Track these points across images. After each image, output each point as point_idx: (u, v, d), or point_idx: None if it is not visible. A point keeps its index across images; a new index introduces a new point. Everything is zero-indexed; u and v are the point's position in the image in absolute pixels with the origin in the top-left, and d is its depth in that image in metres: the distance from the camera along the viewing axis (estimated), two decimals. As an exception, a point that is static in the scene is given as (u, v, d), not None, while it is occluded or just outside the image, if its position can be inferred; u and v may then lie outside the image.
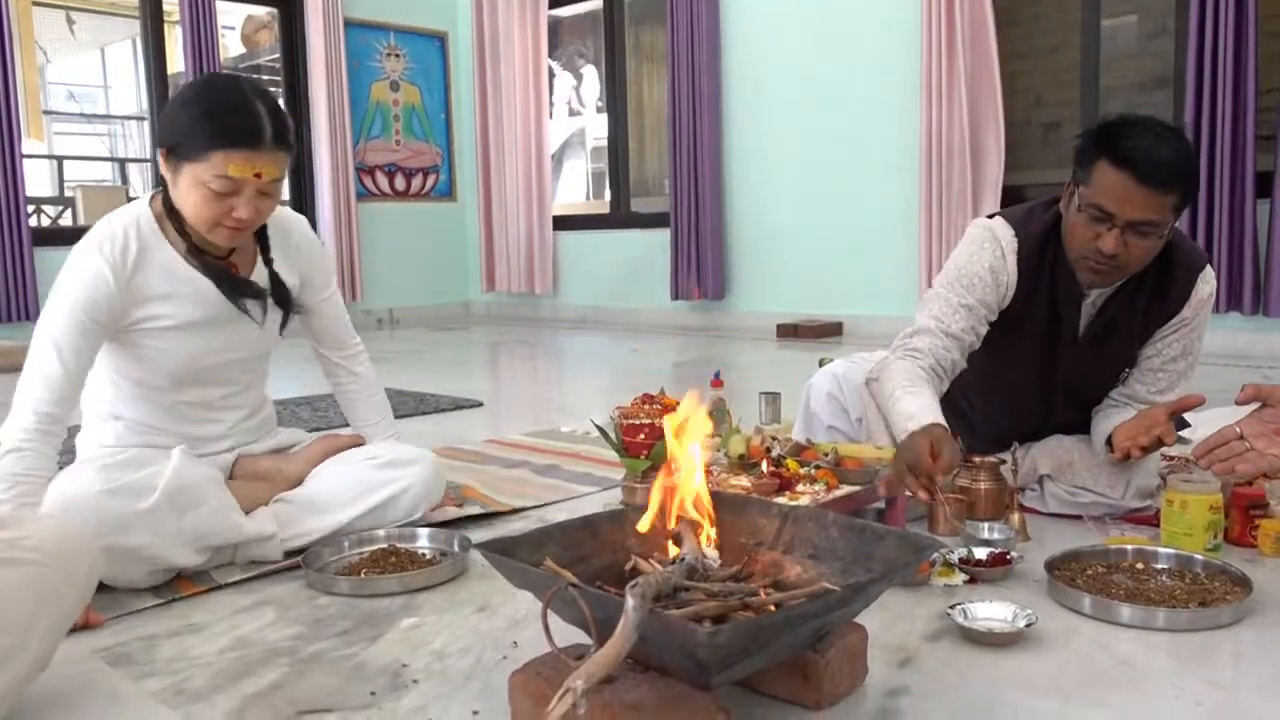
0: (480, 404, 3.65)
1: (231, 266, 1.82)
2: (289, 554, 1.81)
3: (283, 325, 1.90)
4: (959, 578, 1.63)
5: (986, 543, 1.77)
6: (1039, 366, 1.99)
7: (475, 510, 2.10)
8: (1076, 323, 1.94)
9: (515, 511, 2.11)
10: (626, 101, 6.89)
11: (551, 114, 7.20)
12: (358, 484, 1.90)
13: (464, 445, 2.84)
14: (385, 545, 1.84)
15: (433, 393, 3.86)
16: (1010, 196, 4.97)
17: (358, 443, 2.05)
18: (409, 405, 3.59)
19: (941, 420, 1.73)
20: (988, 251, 1.90)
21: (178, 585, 1.69)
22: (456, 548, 1.82)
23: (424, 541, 1.86)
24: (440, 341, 6.11)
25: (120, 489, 1.61)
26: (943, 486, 1.93)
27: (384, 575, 1.68)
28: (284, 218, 1.92)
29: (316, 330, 2.05)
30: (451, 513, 2.06)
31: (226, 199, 1.66)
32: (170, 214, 1.74)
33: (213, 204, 1.66)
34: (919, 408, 1.75)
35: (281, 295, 1.87)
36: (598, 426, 2.21)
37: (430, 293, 7.43)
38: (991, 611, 1.44)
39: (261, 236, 1.86)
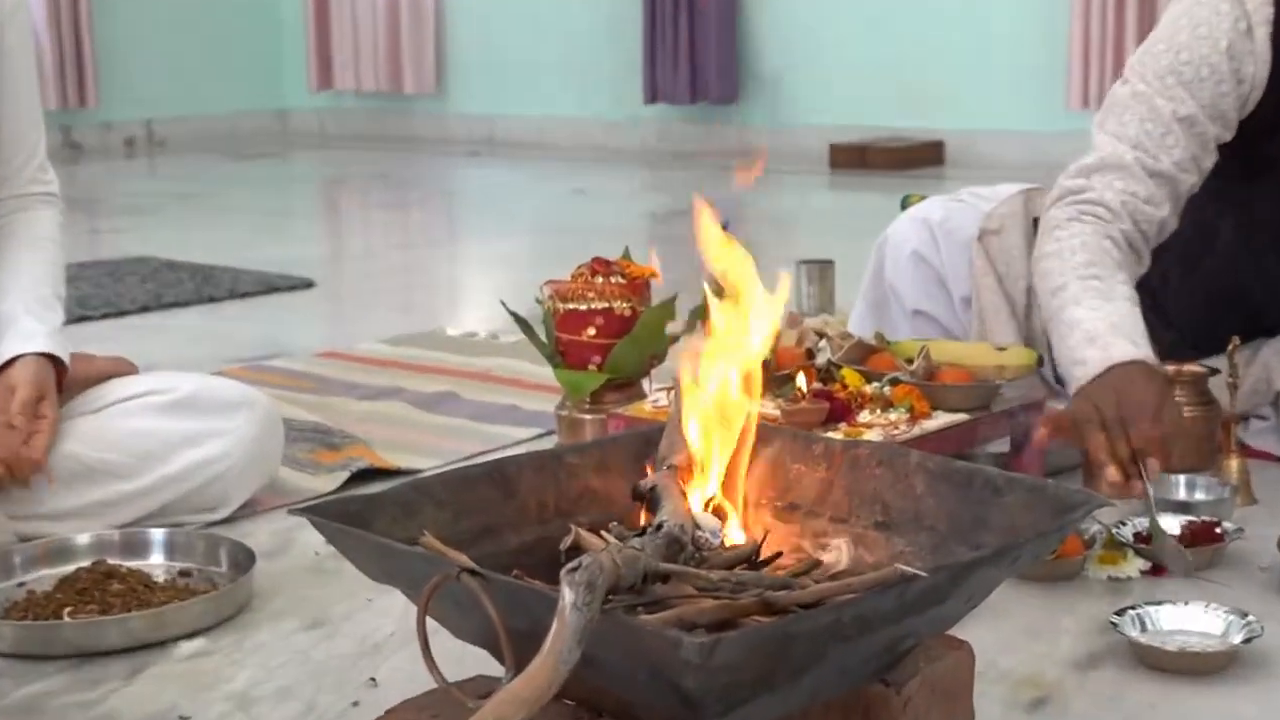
0: (310, 284, 3.66)
1: None
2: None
3: None
4: (1134, 565, 1.65)
5: (1182, 506, 1.80)
6: None
7: (359, 466, 2.15)
8: None
9: (406, 473, 2.12)
10: None
11: None
12: (135, 436, 1.90)
13: (281, 361, 2.84)
14: (90, 562, 1.74)
15: (226, 265, 3.85)
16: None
17: (127, 370, 2.06)
18: (185, 287, 3.59)
19: (1148, 349, 1.74)
20: (1223, 22, 1.91)
21: None
22: (224, 563, 1.76)
23: (158, 555, 1.80)
24: (238, 177, 6.09)
25: None
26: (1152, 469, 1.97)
27: (113, 616, 1.60)
28: None
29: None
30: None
31: None
32: None
33: None
34: (1107, 322, 1.77)
35: None
36: (515, 316, 2.22)
37: (218, 96, 7.39)
38: (1189, 619, 1.47)
39: None
